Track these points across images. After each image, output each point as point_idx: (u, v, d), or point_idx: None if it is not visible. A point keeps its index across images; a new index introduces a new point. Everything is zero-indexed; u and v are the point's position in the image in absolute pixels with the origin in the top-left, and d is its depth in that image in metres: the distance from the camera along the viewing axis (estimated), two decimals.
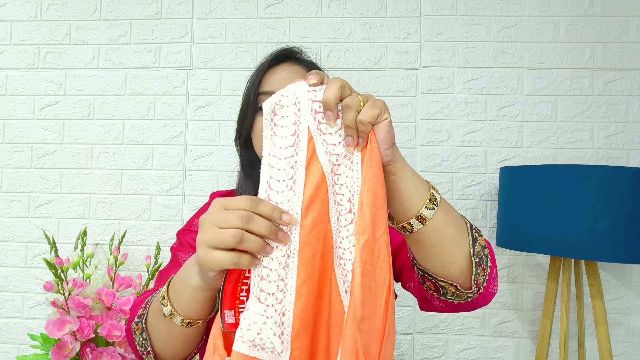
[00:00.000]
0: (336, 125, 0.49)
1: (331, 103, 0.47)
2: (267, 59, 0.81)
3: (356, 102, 0.48)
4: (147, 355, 0.62)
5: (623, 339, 1.36)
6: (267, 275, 0.46)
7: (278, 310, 0.46)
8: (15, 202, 1.49)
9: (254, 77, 0.79)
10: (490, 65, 1.42)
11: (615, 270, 1.37)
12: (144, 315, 0.61)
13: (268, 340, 0.45)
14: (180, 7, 1.49)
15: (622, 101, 1.39)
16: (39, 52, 1.51)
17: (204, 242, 0.46)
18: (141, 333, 0.61)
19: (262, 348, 0.45)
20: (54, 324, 1.13)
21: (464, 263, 0.57)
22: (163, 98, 1.48)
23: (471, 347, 1.39)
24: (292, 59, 0.82)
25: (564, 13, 1.41)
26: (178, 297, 0.55)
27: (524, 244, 1.10)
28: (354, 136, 0.48)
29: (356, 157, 0.49)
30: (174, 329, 0.57)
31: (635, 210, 0.99)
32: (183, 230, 0.86)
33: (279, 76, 0.77)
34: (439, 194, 0.56)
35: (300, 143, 0.48)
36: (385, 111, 0.49)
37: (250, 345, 0.45)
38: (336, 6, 1.46)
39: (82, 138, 1.49)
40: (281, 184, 0.47)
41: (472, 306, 0.65)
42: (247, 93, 0.80)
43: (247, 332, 0.45)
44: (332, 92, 0.47)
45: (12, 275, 1.48)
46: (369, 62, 1.45)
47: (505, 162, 1.41)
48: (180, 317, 0.55)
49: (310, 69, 0.81)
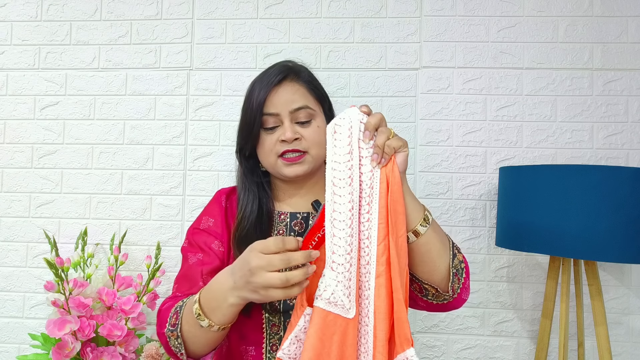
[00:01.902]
0: (368, 144, 0.67)
1: (372, 126, 0.66)
2: (270, 76, 0.87)
3: (388, 131, 0.67)
4: (181, 355, 0.75)
5: (622, 339, 1.36)
6: (337, 250, 0.63)
7: (347, 277, 0.63)
8: (16, 202, 1.49)
9: (258, 96, 0.85)
10: (490, 65, 1.43)
11: (614, 270, 1.37)
12: (177, 325, 0.73)
13: (339, 299, 0.62)
14: (180, 7, 1.49)
15: (621, 101, 1.39)
16: (40, 53, 1.51)
17: (261, 286, 0.61)
18: (176, 339, 0.73)
19: (335, 304, 0.62)
20: (55, 324, 1.13)
21: (444, 272, 0.74)
22: (163, 98, 1.48)
23: (471, 346, 1.40)
24: (291, 77, 0.88)
25: (564, 13, 1.42)
26: (215, 312, 0.68)
27: (524, 243, 1.10)
28: (380, 154, 0.66)
29: (376, 170, 0.67)
30: (211, 335, 0.70)
31: (635, 210, 0.99)
32: (192, 229, 0.90)
33: (281, 99, 0.85)
34: (431, 215, 0.74)
35: (354, 151, 0.66)
36: (406, 145, 0.68)
37: (326, 302, 0.62)
38: (336, 7, 1.46)
39: (82, 138, 1.49)
40: (342, 181, 0.65)
41: (447, 308, 0.80)
42: (251, 111, 0.86)
43: (323, 292, 0.62)
44: (375, 119, 0.66)
45: (12, 275, 1.48)
46: (369, 62, 1.45)
47: (504, 162, 1.41)
48: (217, 326, 0.68)
49: (310, 85, 0.89)
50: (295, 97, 0.85)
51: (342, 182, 0.65)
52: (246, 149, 0.90)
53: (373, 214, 0.65)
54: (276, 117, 0.84)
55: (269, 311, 0.80)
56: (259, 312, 0.80)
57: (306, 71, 0.91)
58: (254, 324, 0.81)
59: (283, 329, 0.80)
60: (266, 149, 0.86)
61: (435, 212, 1.41)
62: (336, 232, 0.64)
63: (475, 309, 1.40)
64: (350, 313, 0.62)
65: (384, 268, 0.64)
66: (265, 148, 0.86)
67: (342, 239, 0.63)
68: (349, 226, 0.64)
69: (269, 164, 0.88)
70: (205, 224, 0.89)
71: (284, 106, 0.84)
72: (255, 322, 0.81)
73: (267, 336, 0.80)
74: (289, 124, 0.84)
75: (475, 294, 1.40)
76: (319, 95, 0.90)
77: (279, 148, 0.84)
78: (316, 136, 0.85)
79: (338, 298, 0.62)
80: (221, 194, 0.95)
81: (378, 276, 0.64)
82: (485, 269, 1.40)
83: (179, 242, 1.46)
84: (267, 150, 0.86)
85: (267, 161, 0.87)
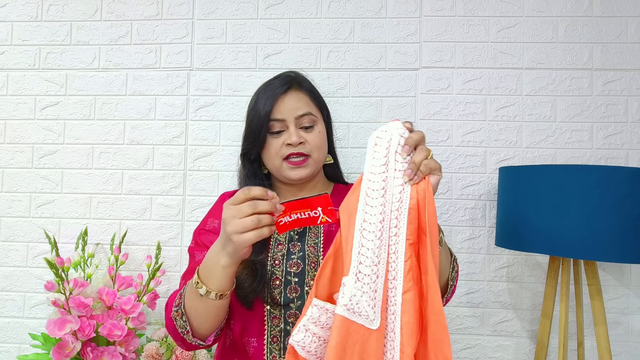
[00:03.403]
0: (404, 159, 0.68)
1: (413, 142, 0.67)
2: (275, 86, 0.94)
3: (427, 151, 0.68)
4: (186, 334, 0.78)
5: (622, 339, 1.36)
6: (365, 261, 0.64)
7: (372, 288, 0.64)
8: (17, 202, 1.49)
9: (265, 104, 0.92)
10: (490, 65, 1.43)
11: (614, 270, 1.37)
12: (181, 303, 0.77)
13: (364, 309, 0.63)
14: (180, 7, 1.49)
15: (621, 101, 1.39)
16: (40, 53, 1.51)
17: (234, 232, 0.65)
18: (181, 317, 0.77)
19: (359, 314, 0.63)
20: (55, 324, 1.13)
21: (444, 285, 0.84)
22: (164, 98, 1.48)
23: (470, 346, 1.40)
24: (295, 86, 0.95)
25: (563, 14, 1.42)
26: (210, 278, 0.72)
27: (523, 243, 1.10)
28: (414, 171, 0.66)
29: (407, 186, 0.67)
30: (209, 304, 0.73)
31: (634, 210, 0.99)
32: (199, 230, 0.96)
33: (287, 106, 0.92)
34: (444, 236, 0.79)
35: (390, 163, 0.68)
36: (440, 170, 0.69)
37: (349, 311, 0.62)
38: (336, 7, 1.47)
39: (83, 138, 1.49)
40: (375, 192, 0.66)
41: None
42: (258, 118, 0.92)
43: (342, 299, 0.62)
44: (417, 136, 0.68)
45: (13, 275, 1.48)
46: (369, 62, 1.45)
47: (504, 162, 1.41)
48: (215, 292, 0.72)
49: (312, 94, 0.97)
50: (300, 104, 0.92)
51: (375, 193, 0.66)
52: (251, 154, 0.95)
53: (401, 229, 0.66)
54: (282, 123, 0.91)
55: (271, 304, 0.84)
56: (261, 305, 0.84)
57: (308, 81, 0.99)
58: (256, 316, 0.84)
59: (284, 321, 0.84)
60: (272, 152, 0.92)
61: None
62: (365, 242, 0.64)
63: (474, 309, 1.40)
64: (374, 324, 0.63)
65: (411, 284, 0.64)
66: (271, 152, 0.92)
67: (371, 250, 0.64)
68: (379, 238, 0.64)
69: (273, 166, 0.93)
70: (211, 225, 0.94)
71: (290, 113, 0.91)
72: (257, 315, 0.84)
73: (268, 328, 0.84)
74: (294, 129, 0.90)
75: (475, 293, 1.40)
76: (319, 104, 0.98)
77: (285, 151, 0.91)
78: (318, 140, 0.93)
79: (362, 308, 0.62)
80: (225, 197, 1.01)
81: (405, 292, 0.64)
82: (485, 269, 1.41)
83: (179, 242, 1.46)
84: (272, 154, 0.92)
85: (272, 164, 0.93)
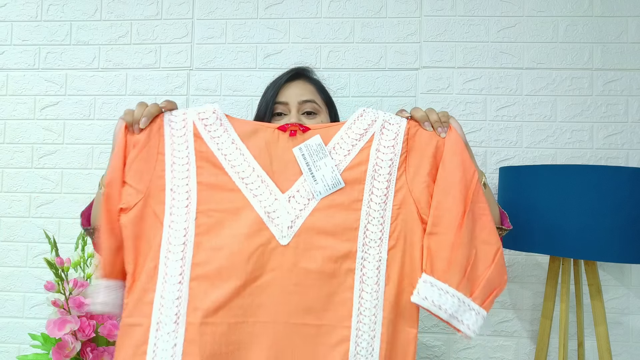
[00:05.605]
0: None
1: (423, 118, 0.77)
2: (283, 75, 1.01)
3: (432, 109, 0.77)
4: (94, 232, 0.85)
5: (622, 339, 1.36)
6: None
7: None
8: (16, 202, 1.49)
9: (271, 89, 0.99)
10: (490, 65, 1.43)
11: (614, 270, 1.37)
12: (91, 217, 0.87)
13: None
14: (180, 7, 1.49)
15: (621, 101, 1.39)
16: (40, 53, 1.51)
17: (120, 117, 0.77)
18: (87, 219, 0.87)
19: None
20: (55, 324, 1.13)
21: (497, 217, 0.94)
22: (163, 98, 1.47)
23: (471, 346, 1.40)
24: (303, 77, 1.01)
25: (563, 13, 1.42)
26: (103, 180, 0.79)
27: (523, 243, 1.10)
28: (444, 126, 0.76)
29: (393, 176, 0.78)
30: (99, 195, 0.80)
31: (635, 210, 0.99)
32: None
33: (292, 91, 0.97)
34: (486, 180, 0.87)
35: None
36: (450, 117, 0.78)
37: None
38: (336, 7, 1.46)
39: (82, 138, 1.49)
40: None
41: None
42: (265, 101, 0.99)
43: None
44: (420, 112, 0.77)
45: (12, 275, 1.48)
46: (369, 62, 1.45)
47: (504, 162, 1.41)
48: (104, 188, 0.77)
49: (318, 86, 1.02)
50: (304, 91, 0.97)
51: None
52: None
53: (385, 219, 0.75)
54: (285, 106, 0.96)
55: None
56: None
57: (316, 77, 1.03)
58: None
59: None
60: None
61: None
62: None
63: None
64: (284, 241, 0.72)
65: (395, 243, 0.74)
66: None
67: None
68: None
69: None
70: None
71: (293, 97, 0.96)
72: None
73: None
74: (295, 112, 0.95)
75: None
76: (325, 98, 1.02)
77: None
78: None
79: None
80: None
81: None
82: None
83: None
84: None
85: None
